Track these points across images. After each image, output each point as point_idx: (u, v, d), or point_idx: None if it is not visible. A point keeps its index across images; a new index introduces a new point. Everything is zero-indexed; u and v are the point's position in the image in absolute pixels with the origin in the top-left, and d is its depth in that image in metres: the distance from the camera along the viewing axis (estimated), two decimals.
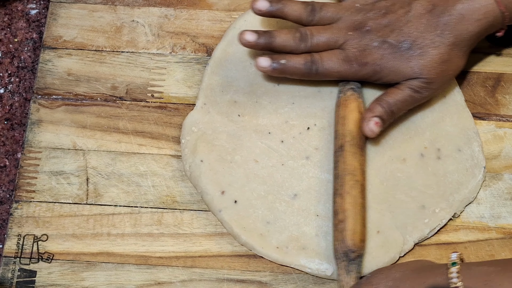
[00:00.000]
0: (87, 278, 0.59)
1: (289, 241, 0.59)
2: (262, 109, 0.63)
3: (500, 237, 0.61)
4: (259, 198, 0.60)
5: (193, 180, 0.61)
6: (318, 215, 0.60)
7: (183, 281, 0.59)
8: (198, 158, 0.61)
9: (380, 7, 0.60)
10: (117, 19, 0.69)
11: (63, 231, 0.61)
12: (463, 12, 0.57)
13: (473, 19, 0.57)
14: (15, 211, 0.61)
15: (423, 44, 0.58)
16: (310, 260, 0.58)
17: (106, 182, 0.63)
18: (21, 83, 0.68)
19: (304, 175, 0.61)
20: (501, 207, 0.62)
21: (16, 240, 0.60)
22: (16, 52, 0.70)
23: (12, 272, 0.59)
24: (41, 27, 0.71)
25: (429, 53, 0.57)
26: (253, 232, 0.59)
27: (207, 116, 0.63)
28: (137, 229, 0.61)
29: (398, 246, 0.59)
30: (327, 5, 0.61)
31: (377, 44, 0.58)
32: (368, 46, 0.59)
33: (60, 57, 0.68)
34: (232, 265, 0.60)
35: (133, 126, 0.65)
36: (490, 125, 0.65)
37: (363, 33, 0.59)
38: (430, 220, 0.60)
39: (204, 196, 0.60)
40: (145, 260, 0.60)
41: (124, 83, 0.67)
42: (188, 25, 0.69)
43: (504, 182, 0.63)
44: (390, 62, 0.58)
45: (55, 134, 0.64)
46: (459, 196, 0.61)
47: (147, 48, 0.68)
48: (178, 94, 0.66)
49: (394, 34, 0.58)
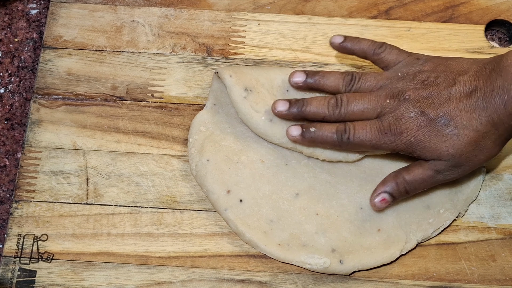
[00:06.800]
0: (87, 278, 0.59)
1: (291, 238, 0.59)
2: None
3: (500, 237, 0.61)
4: (264, 197, 0.60)
5: (199, 179, 0.61)
6: (318, 214, 0.60)
7: (183, 281, 0.59)
8: (205, 157, 0.61)
9: (423, 78, 0.57)
10: (118, 19, 0.70)
11: (63, 231, 0.61)
12: (498, 102, 0.53)
13: (507, 113, 0.53)
14: (15, 211, 0.61)
15: (460, 124, 0.55)
16: (310, 256, 0.58)
17: (106, 182, 0.63)
18: (21, 83, 0.68)
19: (305, 175, 0.62)
20: (501, 207, 0.62)
21: (16, 240, 0.60)
22: (17, 52, 0.70)
23: (12, 272, 0.59)
24: (41, 27, 0.71)
25: (464, 135, 0.54)
26: (257, 230, 0.59)
27: (216, 117, 0.63)
28: (137, 229, 0.61)
29: (400, 244, 0.59)
30: (366, 75, 0.60)
31: (413, 114, 0.56)
32: (404, 115, 0.56)
33: (60, 57, 0.68)
34: (232, 265, 0.60)
35: (133, 126, 0.65)
36: None
37: (401, 102, 0.56)
38: (434, 220, 0.60)
39: (209, 195, 0.60)
40: (145, 260, 0.60)
41: (124, 83, 0.67)
42: (188, 25, 0.69)
43: (504, 182, 0.63)
44: (426, 136, 0.55)
45: (55, 134, 0.64)
46: (463, 195, 0.61)
47: (147, 48, 0.68)
48: (178, 94, 0.66)
49: (433, 107, 0.55)
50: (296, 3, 0.71)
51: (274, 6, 0.71)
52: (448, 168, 0.56)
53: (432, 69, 0.58)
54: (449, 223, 0.61)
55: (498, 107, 0.53)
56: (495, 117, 0.54)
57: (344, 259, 0.58)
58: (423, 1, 0.71)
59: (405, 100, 0.56)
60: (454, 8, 0.71)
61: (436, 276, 0.59)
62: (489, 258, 0.60)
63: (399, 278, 0.59)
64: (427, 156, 0.56)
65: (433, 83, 0.57)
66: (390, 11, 0.71)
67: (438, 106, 0.55)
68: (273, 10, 0.70)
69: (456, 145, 0.55)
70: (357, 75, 0.60)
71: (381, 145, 0.57)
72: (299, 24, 0.70)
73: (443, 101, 0.55)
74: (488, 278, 0.59)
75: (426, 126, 0.55)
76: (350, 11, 0.71)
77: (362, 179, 0.62)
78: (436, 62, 0.58)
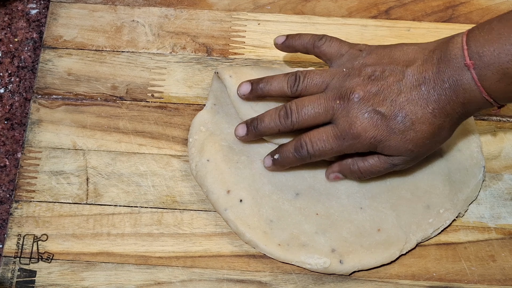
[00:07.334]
0: (87, 278, 0.59)
1: (290, 238, 0.59)
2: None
3: (500, 237, 0.61)
4: (264, 197, 0.60)
5: (199, 179, 0.61)
6: (318, 214, 0.60)
7: (183, 281, 0.59)
8: (205, 157, 0.61)
9: (369, 73, 0.56)
10: (117, 19, 0.70)
11: (63, 231, 0.61)
12: (450, 94, 0.53)
13: (459, 102, 0.53)
14: (15, 211, 0.61)
15: (416, 120, 0.54)
16: (310, 256, 0.58)
17: (106, 182, 0.63)
18: (21, 83, 0.68)
19: (305, 175, 0.62)
20: (501, 207, 0.62)
21: (16, 240, 0.60)
22: (16, 52, 0.70)
23: (12, 272, 0.59)
24: (41, 27, 0.71)
25: (421, 130, 0.54)
26: (257, 230, 0.59)
27: (216, 117, 0.63)
28: (137, 229, 0.61)
29: (400, 244, 0.59)
30: (311, 73, 0.58)
31: (367, 115, 0.54)
32: (358, 117, 0.55)
33: (60, 57, 0.68)
34: (232, 265, 0.60)
35: (133, 126, 0.65)
36: (490, 125, 0.65)
37: (352, 102, 0.55)
38: (434, 220, 0.60)
39: (209, 195, 0.60)
40: (145, 260, 0.60)
41: (124, 83, 0.67)
42: (188, 25, 0.69)
43: (504, 182, 0.63)
44: (384, 135, 0.55)
45: (55, 134, 0.64)
46: (463, 195, 0.61)
47: (147, 48, 0.68)
48: (178, 94, 0.66)
49: (386, 104, 0.54)
50: (296, 3, 0.71)
51: (274, 6, 0.71)
52: (405, 161, 0.57)
53: (377, 62, 0.56)
54: (449, 223, 0.60)
55: (450, 98, 0.53)
56: (448, 108, 0.54)
57: (344, 259, 0.58)
58: (423, 1, 0.71)
59: (356, 99, 0.55)
60: (454, 8, 0.71)
61: (436, 276, 0.59)
62: (489, 258, 0.60)
63: (399, 278, 0.59)
64: (388, 153, 0.56)
65: (380, 77, 0.55)
66: (390, 11, 0.71)
67: (390, 102, 0.54)
68: (273, 10, 0.70)
69: (414, 141, 0.55)
70: (301, 74, 0.58)
71: (343, 150, 0.57)
72: (299, 24, 0.70)
73: (394, 97, 0.54)
74: (488, 278, 0.59)
75: (383, 124, 0.55)
76: (350, 11, 0.71)
77: None
78: (379, 54, 0.57)
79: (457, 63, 0.52)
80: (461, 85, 0.52)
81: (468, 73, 0.52)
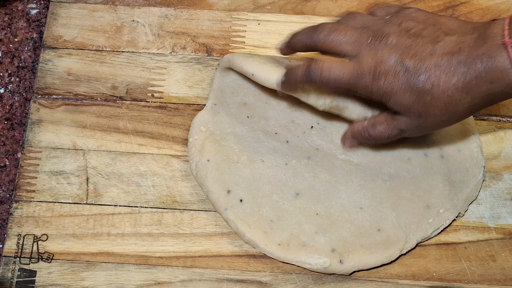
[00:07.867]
0: (87, 278, 0.59)
1: (291, 238, 0.59)
2: (270, 109, 0.64)
3: (500, 237, 0.61)
4: (264, 197, 0.61)
5: (199, 179, 0.61)
6: (318, 214, 0.60)
7: (183, 281, 0.59)
8: (205, 157, 0.61)
9: (409, 27, 0.55)
10: (117, 19, 0.70)
11: (63, 231, 0.61)
12: (480, 69, 0.52)
13: (487, 80, 0.53)
14: (15, 211, 0.61)
15: (437, 87, 0.53)
16: (310, 256, 0.58)
17: (106, 182, 0.63)
18: (21, 83, 0.68)
19: (305, 174, 0.62)
20: (501, 207, 0.62)
21: (16, 240, 0.60)
22: (16, 52, 0.70)
23: (12, 272, 0.59)
24: (41, 27, 0.71)
25: (438, 97, 0.54)
26: (258, 230, 0.59)
27: (216, 117, 0.64)
28: (137, 229, 0.61)
29: (400, 244, 0.59)
30: (354, 14, 0.59)
31: (394, 62, 0.54)
32: (384, 60, 0.54)
33: (60, 57, 0.68)
34: (232, 265, 0.60)
35: (133, 126, 0.65)
36: (490, 125, 0.65)
37: (383, 45, 0.55)
38: (434, 220, 0.60)
39: (209, 195, 0.60)
40: (145, 260, 0.60)
41: (124, 83, 0.67)
42: (188, 25, 0.69)
43: (504, 182, 0.63)
44: (401, 90, 0.54)
45: (55, 134, 0.64)
46: (462, 195, 0.61)
47: (147, 48, 0.68)
48: (178, 94, 0.66)
49: (414, 59, 0.54)
50: (296, 3, 0.71)
51: (274, 6, 0.71)
52: (413, 128, 0.56)
53: (422, 20, 0.56)
54: (449, 223, 0.61)
55: (478, 74, 0.53)
56: (473, 84, 0.53)
57: (344, 259, 0.58)
58: (423, 1, 0.71)
59: (387, 44, 0.55)
60: (454, 8, 0.71)
61: (436, 276, 0.59)
62: (489, 258, 0.60)
63: (399, 278, 0.59)
64: (397, 110, 0.56)
65: (418, 34, 0.55)
66: None
67: (419, 59, 0.54)
68: (273, 10, 0.70)
69: (426, 106, 0.54)
70: (345, 14, 0.59)
71: (355, 88, 0.56)
72: (299, 24, 0.70)
73: (425, 56, 0.54)
74: (488, 278, 0.59)
75: (404, 77, 0.54)
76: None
77: (362, 178, 0.62)
78: (427, 15, 0.57)
79: (495, 40, 0.52)
80: (494, 62, 0.52)
81: (504, 51, 0.52)
